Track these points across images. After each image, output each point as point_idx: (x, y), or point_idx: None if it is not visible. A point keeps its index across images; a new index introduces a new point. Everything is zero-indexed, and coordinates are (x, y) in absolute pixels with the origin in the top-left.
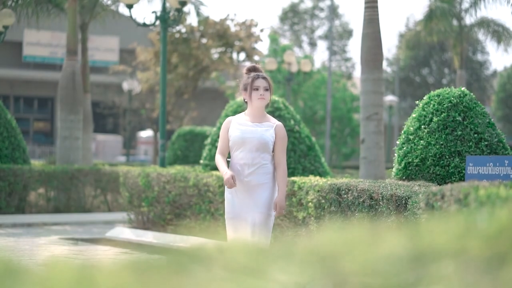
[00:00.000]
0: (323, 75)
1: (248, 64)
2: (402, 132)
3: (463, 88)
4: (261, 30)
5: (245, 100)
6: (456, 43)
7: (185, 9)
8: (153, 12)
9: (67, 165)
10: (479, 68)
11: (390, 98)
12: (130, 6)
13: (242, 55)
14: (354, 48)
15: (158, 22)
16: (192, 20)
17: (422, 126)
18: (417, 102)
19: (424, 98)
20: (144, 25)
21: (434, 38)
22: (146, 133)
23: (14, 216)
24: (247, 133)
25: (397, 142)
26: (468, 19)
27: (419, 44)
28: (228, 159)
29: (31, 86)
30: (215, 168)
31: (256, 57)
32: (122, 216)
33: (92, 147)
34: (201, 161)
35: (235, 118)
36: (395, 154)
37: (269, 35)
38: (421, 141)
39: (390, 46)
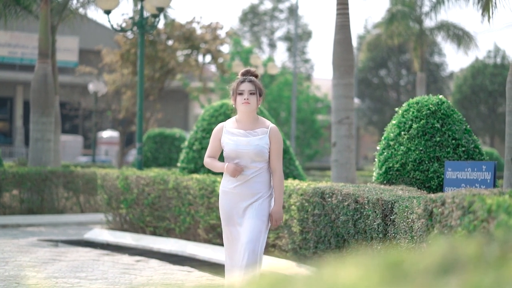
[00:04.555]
0: (286, 78)
1: (209, 65)
2: (383, 138)
3: (440, 96)
4: (227, 33)
5: (235, 106)
6: (416, 46)
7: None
8: (130, 18)
9: (40, 167)
10: (436, 70)
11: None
12: (107, 12)
13: (208, 58)
14: (314, 49)
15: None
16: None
17: (402, 133)
18: (396, 109)
19: (404, 105)
20: (122, 30)
21: (395, 41)
22: (107, 134)
23: None
24: (241, 145)
25: (378, 148)
26: (429, 22)
27: (379, 46)
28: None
29: None
30: (193, 171)
31: (220, 60)
32: (96, 218)
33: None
34: (178, 164)
35: (226, 126)
36: (376, 159)
37: (230, 36)
38: (401, 147)
39: None
